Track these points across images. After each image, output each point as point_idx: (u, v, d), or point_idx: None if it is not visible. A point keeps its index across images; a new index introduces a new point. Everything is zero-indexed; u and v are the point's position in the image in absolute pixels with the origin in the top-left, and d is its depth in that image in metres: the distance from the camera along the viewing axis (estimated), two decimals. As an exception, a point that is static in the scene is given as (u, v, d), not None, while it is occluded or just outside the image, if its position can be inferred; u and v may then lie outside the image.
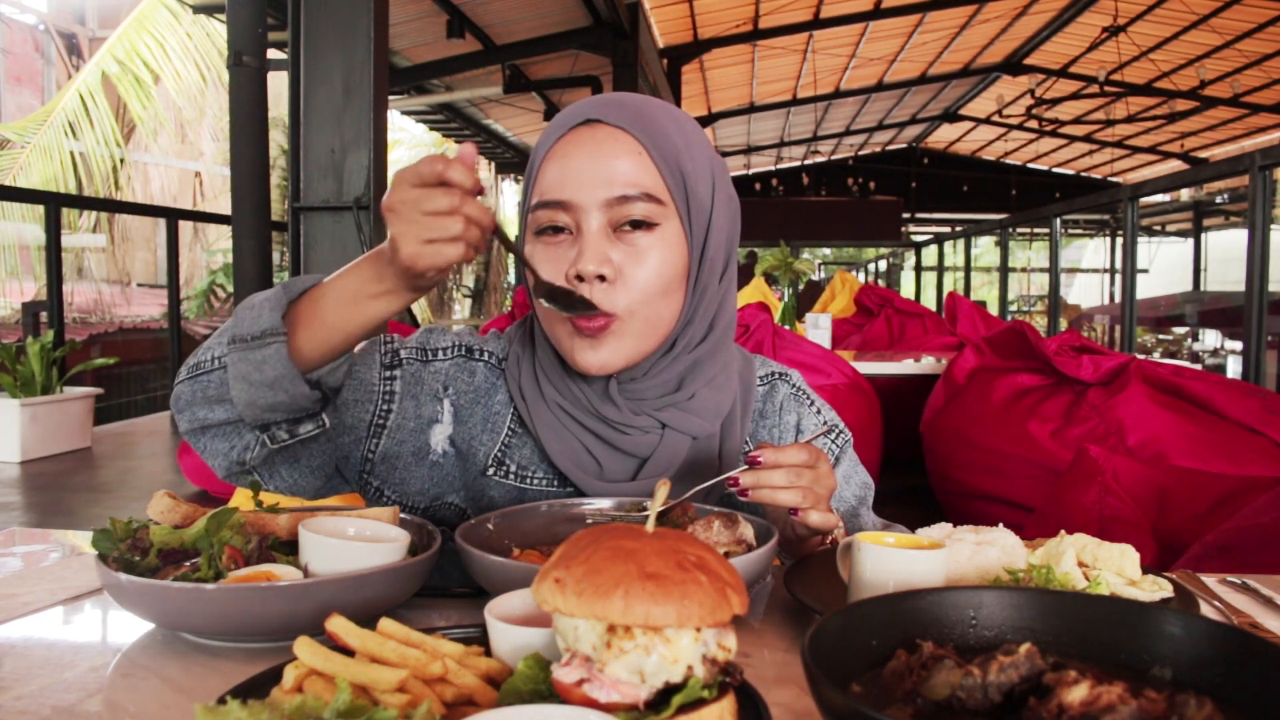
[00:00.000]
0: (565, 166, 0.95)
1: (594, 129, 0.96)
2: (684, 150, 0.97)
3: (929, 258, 12.88)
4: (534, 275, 0.97)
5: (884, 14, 11.92)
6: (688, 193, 0.97)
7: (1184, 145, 18.72)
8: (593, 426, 1.02)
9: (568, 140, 0.97)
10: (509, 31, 8.29)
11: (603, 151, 0.94)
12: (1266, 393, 3.11)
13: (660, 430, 1.02)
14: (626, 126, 0.95)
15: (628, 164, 0.94)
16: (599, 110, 0.96)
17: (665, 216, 0.96)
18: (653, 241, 0.95)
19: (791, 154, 22.13)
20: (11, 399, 4.98)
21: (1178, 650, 0.65)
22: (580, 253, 0.94)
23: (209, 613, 0.79)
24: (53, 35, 14.04)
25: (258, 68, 3.84)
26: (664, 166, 0.95)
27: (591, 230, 0.94)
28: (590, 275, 0.94)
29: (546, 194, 0.96)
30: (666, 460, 1.02)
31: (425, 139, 15.70)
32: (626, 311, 0.95)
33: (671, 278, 0.97)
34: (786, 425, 1.15)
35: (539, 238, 0.98)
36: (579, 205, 0.94)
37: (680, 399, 1.02)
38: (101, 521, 0.87)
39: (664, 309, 0.97)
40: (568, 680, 0.57)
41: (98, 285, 12.10)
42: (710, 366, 1.05)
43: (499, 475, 1.08)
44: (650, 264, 0.95)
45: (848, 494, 1.16)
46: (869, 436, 3.97)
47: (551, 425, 1.03)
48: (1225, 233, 16.44)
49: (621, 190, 0.94)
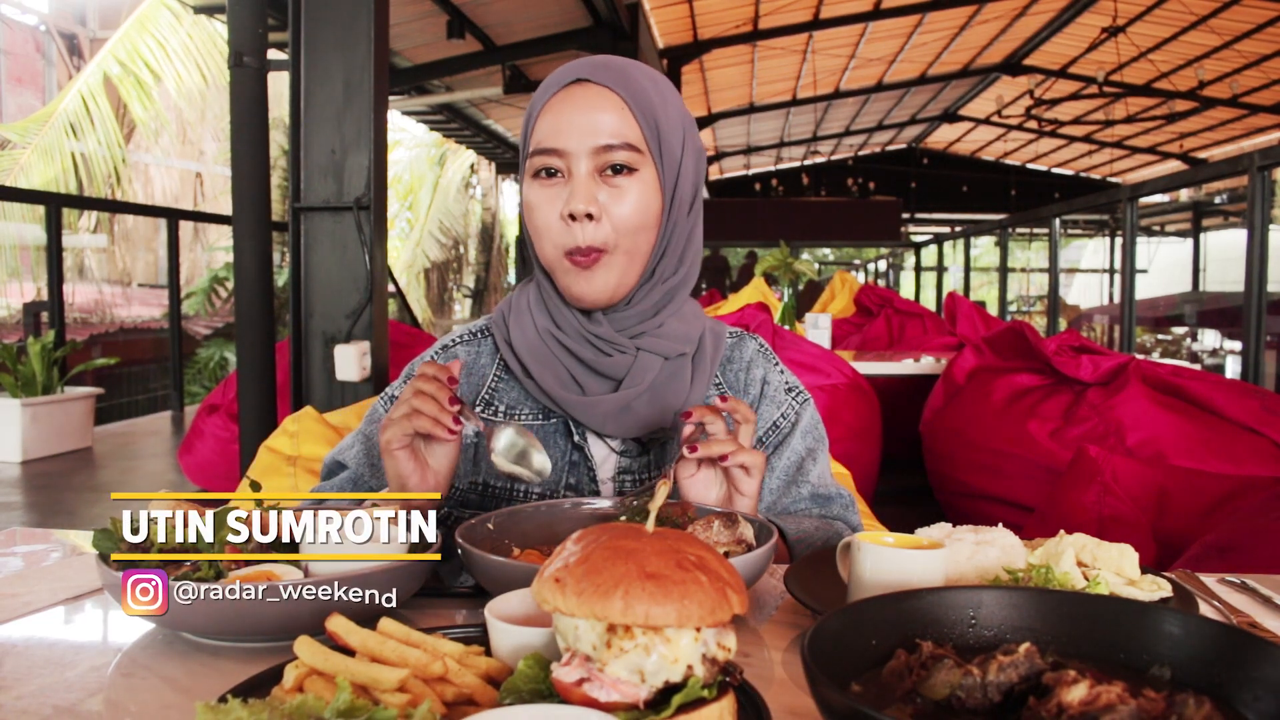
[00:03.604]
0: (558, 119, 1.11)
1: (584, 87, 1.12)
2: (660, 107, 1.13)
3: (929, 258, 12.88)
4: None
5: (884, 14, 11.92)
6: (661, 143, 1.13)
7: (1183, 146, 18.72)
8: (577, 350, 1.16)
9: (561, 96, 1.12)
10: (509, 32, 8.28)
11: (591, 106, 1.11)
12: (1266, 393, 3.12)
13: (635, 353, 1.16)
14: (612, 85, 1.11)
15: (612, 117, 1.10)
16: (589, 71, 1.12)
17: (643, 163, 1.12)
18: (632, 184, 1.11)
19: (791, 154, 22.13)
20: (12, 399, 4.98)
21: (1177, 650, 0.65)
22: (572, 194, 1.10)
23: (209, 613, 0.79)
24: (54, 36, 14.04)
25: (258, 68, 3.84)
26: (643, 120, 1.12)
27: (580, 174, 1.10)
28: (580, 213, 1.09)
29: (543, 142, 1.12)
30: (641, 377, 1.16)
31: (425, 139, 15.71)
32: (612, 244, 1.11)
33: (649, 214, 1.13)
34: (754, 378, 1.28)
35: (536, 179, 1.14)
36: (570, 152, 1.10)
37: (652, 327, 1.18)
38: (102, 521, 0.87)
39: (643, 241, 1.13)
40: (568, 680, 0.57)
41: (98, 285, 12.10)
42: (680, 296, 1.21)
43: (487, 415, 1.21)
44: (630, 202, 1.11)
45: (799, 447, 1.26)
46: (869, 436, 3.97)
47: (539, 353, 1.18)
48: (1224, 233, 16.43)
49: (606, 140, 1.10)
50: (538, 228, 1.13)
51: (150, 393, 9.42)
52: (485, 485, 1.20)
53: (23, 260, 11.08)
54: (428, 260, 16.56)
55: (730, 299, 6.58)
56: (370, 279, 3.60)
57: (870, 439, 3.98)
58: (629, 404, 1.15)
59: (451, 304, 17.82)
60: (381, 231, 3.65)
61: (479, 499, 1.20)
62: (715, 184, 22.89)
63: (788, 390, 1.29)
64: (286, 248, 4.38)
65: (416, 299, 15.82)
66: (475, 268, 18.15)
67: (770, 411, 1.26)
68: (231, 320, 7.06)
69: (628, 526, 0.63)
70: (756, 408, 1.26)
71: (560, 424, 1.20)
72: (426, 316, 15.55)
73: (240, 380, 3.92)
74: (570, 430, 1.19)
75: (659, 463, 1.20)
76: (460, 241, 17.60)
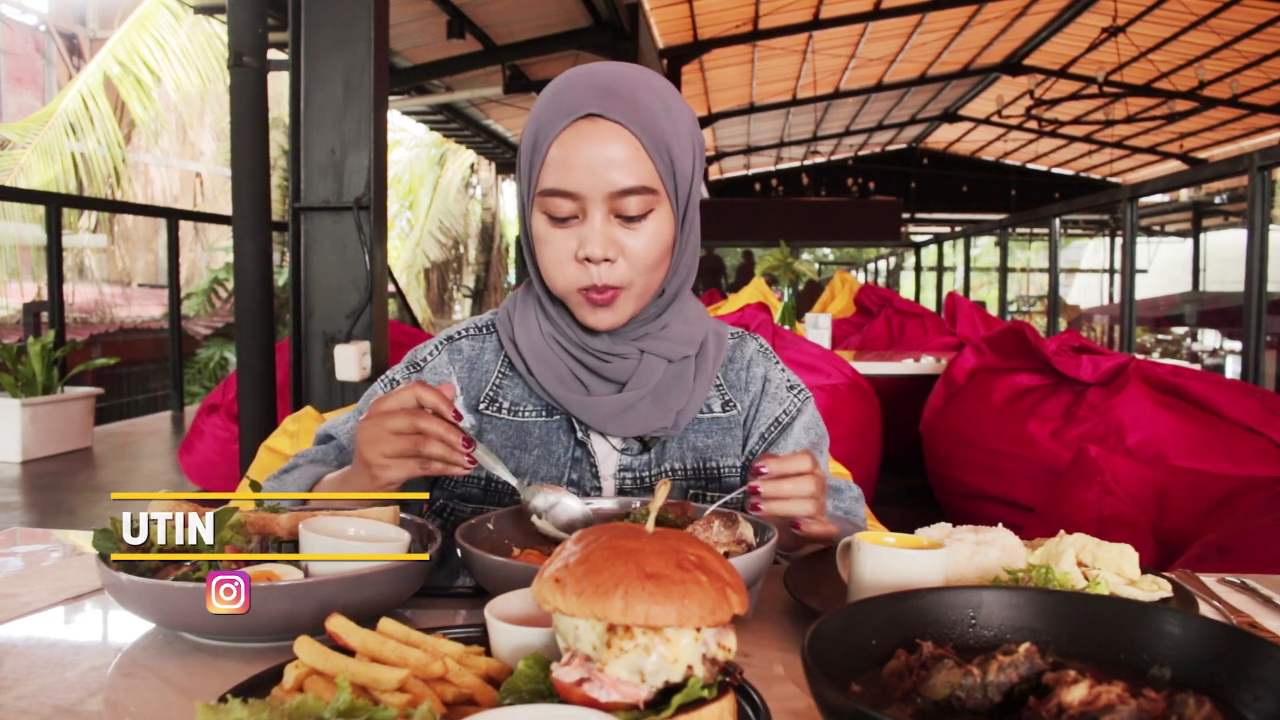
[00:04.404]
0: (570, 158, 1.08)
1: (595, 124, 1.08)
2: (671, 135, 1.11)
3: (929, 258, 12.87)
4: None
5: (884, 14, 11.91)
6: (675, 174, 1.12)
7: (1183, 146, 18.72)
8: (580, 356, 1.17)
9: (571, 133, 1.08)
10: (509, 32, 8.28)
11: (604, 146, 1.07)
12: (1266, 393, 3.11)
13: (639, 356, 1.17)
14: (624, 122, 1.08)
15: (627, 158, 1.08)
16: (599, 104, 1.08)
17: (657, 202, 1.11)
18: (648, 223, 1.11)
19: (791, 154, 22.13)
20: (12, 399, 4.98)
21: (1177, 650, 0.65)
22: (588, 238, 1.09)
23: (209, 612, 0.79)
24: (54, 36, 14.04)
25: (258, 68, 3.84)
26: (657, 158, 1.10)
27: (596, 219, 1.09)
28: (597, 258, 1.09)
29: (555, 184, 1.09)
30: (645, 380, 1.16)
31: (425, 139, 15.71)
32: (629, 282, 1.11)
33: (664, 248, 1.13)
34: (754, 377, 1.29)
35: (546, 216, 1.12)
36: (585, 196, 1.08)
37: (655, 329, 1.19)
38: (102, 521, 0.87)
39: (659, 274, 1.15)
40: (568, 680, 0.57)
41: (98, 285, 12.10)
42: (682, 296, 1.21)
43: (491, 411, 1.22)
44: (646, 242, 1.11)
45: (804, 440, 1.27)
46: (869, 436, 3.97)
47: (542, 353, 1.18)
48: (1224, 233, 16.43)
49: (622, 184, 1.08)
50: (548, 263, 1.12)
51: (150, 393, 9.42)
52: (487, 479, 1.20)
53: (23, 260, 11.07)
54: (428, 260, 16.57)
55: (730, 299, 6.58)
56: (370, 279, 3.60)
57: (870, 439, 3.98)
58: (632, 405, 1.15)
59: (451, 304, 17.82)
60: (381, 231, 3.65)
61: (480, 493, 1.21)
62: (715, 184, 22.89)
63: (789, 388, 1.30)
64: (286, 248, 4.37)
65: (416, 299, 15.82)
66: (475, 268, 18.15)
67: (772, 408, 1.27)
68: (231, 320, 7.06)
69: (628, 526, 0.63)
70: (758, 405, 1.26)
71: (563, 421, 1.20)
72: (426, 316, 15.55)
73: (240, 380, 3.92)
74: (573, 427, 1.20)
75: (660, 461, 1.20)
76: (460, 241, 17.60)
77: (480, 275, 18.06)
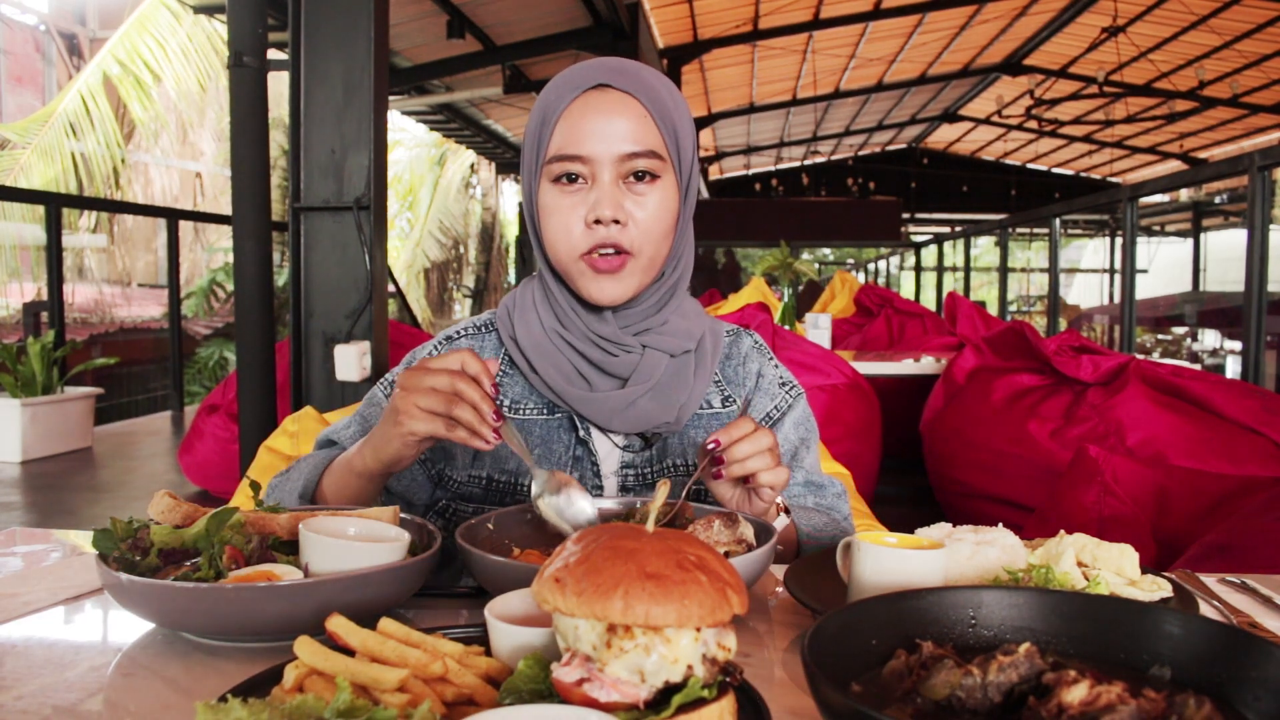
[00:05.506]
0: (580, 125, 1.11)
1: (604, 93, 1.11)
2: (675, 112, 1.15)
3: (929, 258, 12.87)
4: None
5: (884, 14, 11.92)
6: (679, 148, 1.15)
7: (1183, 146, 18.72)
8: (583, 350, 1.17)
9: (581, 102, 1.11)
10: (509, 32, 8.28)
11: (614, 113, 1.11)
12: (1266, 393, 3.11)
13: (642, 350, 1.18)
14: (633, 91, 1.11)
15: (635, 124, 1.11)
16: (607, 76, 1.12)
17: (664, 170, 1.13)
18: (655, 190, 1.12)
19: (791, 154, 22.13)
20: (12, 399, 4.98)
21: (1177, 650, 0.65)
22: (598, 200, 1.10)
23: (209, 613, 0.79)
24: (53, 36, 14.04)
25: (258, 68, 3.83)
26: (663, 127, 1.13)
27: (605, 181, 1.11)
28: (607, 219, 1.10)
29: (564, 148, 1.11)
30: (648, 375, 1.17)
31: (425, 139, 15.71)
32: (638, 248, 1.12)
33: (670, 219, 1.15)
34: (749, 372, 1.31)
35: (556, 184, 1.13)
36: (594, 159, 1.10)
37: (656, 323, 1.20)
38: (102, 521, 0.87)
39: (664, 246, 1.15)
40: (568, 680, 0.57)
41: (98, 285, 12.10)
42: (680, 291, 1.23)
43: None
44: (654, 209, 1.12)
45: (793, 436, 1.30)
46: (869, 437, 3.97)
47: (544, 349, 1.18)
48: (1224, 233, 16.43)
49: (631, 147, 1.10)
50: (554, 231, 1.13)
51: (150, 393, 9.42)
52: (488, 479, 1.21)
53: (23, 260, 11.07)
54: (428, 260, 16.57)
55: (730, 299, 6.58)
56: (370, 279, 3.60)
57: (870, 439, 3.98)
58: (634, 400, 1.15)
59: (451, 304, 17.82)
60: (381, 231, 3.65)
61: (481, 493, 1.21)
62: (715, 184, 22.89)
63: (781, 384, 1.32)
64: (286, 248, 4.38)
65: (416, 299, 15.83)
66: (475, 268, 18.15)
67: (764, 403, 1.29)
68: (231, 320, 7.05)
69: (628, 526, 0.63)
70: (752, 400, 1.29)
71: (564, 419, 1.21)
72: (426, 316, 15.56)
73: (240, 380, 3.92)
74: (575, 425, 1.20)
75: (662, 458, 1.21)
76: (460, 241, 17.60)
77: (480, 275, 18.06)
